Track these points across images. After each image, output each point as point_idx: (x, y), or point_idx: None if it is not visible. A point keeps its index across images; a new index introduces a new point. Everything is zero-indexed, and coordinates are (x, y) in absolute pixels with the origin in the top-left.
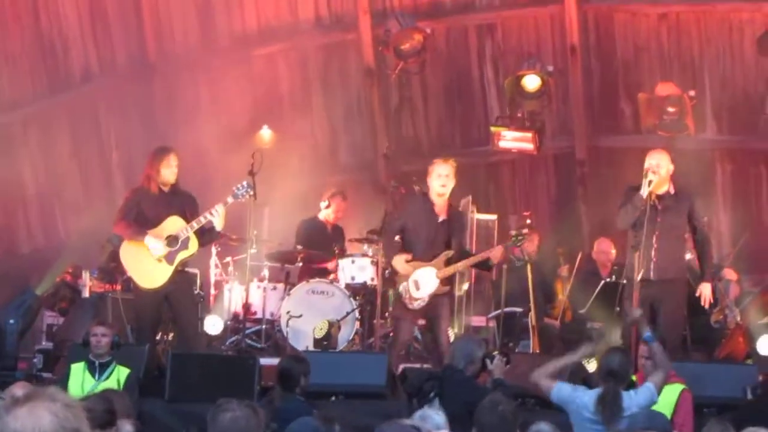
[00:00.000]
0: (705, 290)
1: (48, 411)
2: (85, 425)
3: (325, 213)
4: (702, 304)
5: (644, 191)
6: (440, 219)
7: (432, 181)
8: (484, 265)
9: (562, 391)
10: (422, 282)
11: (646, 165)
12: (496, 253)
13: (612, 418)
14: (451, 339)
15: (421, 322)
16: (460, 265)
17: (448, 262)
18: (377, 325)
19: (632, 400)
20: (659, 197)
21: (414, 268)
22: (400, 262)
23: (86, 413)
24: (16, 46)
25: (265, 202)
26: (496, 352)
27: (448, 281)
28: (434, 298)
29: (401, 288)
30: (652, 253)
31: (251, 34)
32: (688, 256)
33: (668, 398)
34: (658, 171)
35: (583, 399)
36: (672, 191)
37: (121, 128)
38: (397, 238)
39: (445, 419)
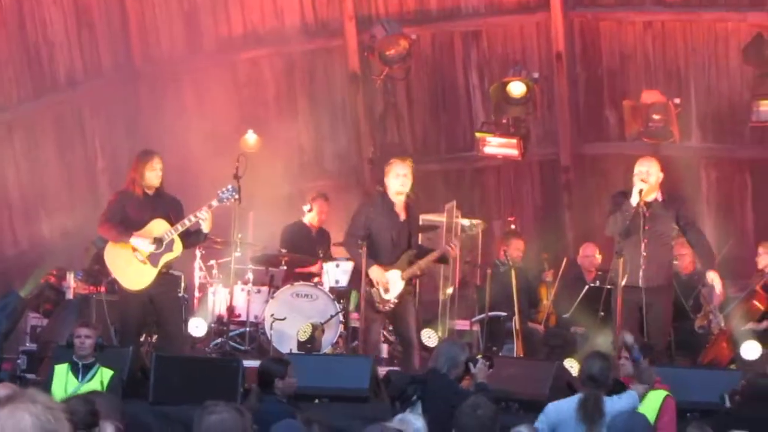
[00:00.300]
0: (715, 279)
1: (28, 412)
2: (65, 427)
3: (309, 217)
4: (717, 292)
5: (634, 200)
6: (402, 218)
7: (390, 181)
8: (442, 260)
9: (548, 416)
10: (390, 285)
11: (636, 172)
12: (453, 251)
13: (594, 424)
14: (434, 342)
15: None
16: (422, 263)
17: (410, 263)
18: (362, 327)
19: (614, 406)
20: (647, 204)
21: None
22: (376, 272)
23: (68, 415)
24: (2, 52)
25: (250, 206)
26: (479, 356)
27: (410, 281)
28: (401, 297)
29: (373, 292)
30: (641, 260)
31: (237, 38)
32: (675, 261)
33: (652, 404)
34: (647, 179)
35: (563, 406)
36: (660, 198)
37: (106, 132)
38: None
39: (425, 423)
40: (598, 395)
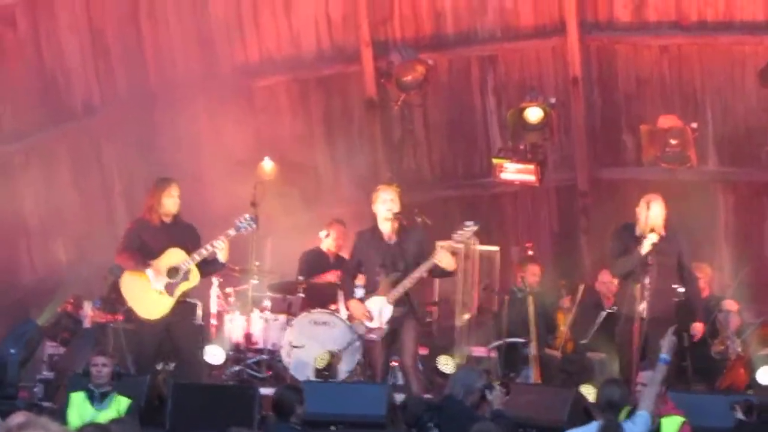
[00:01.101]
0: (697, 329)
1: None
2: None
3: (327, 243)
4: (693, 340)
5: (645, 249)
6: (392, 242)
7: (378, 207)
8: (441, 273)
9: None
10: (374, 312)
11: (649, 218)
12: (441, 258)
13: None
14: (451, 369)
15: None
16: (406, 282)
17: (394, 284)
18: (378, 355)
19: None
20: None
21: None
22: (352, 306)
23: None
24: (19, 80)
25: (268, 233)
26: (496, 383)
27: (404, 301)
28: (395, 320)
29: (355, 327)
30: (645, 293)
31: (253, 64)
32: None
33: (668, 430)
34: (657, 223)
35: None
36: (663, 233)
37: (122, 159)
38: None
39: None
40: (618, 426)
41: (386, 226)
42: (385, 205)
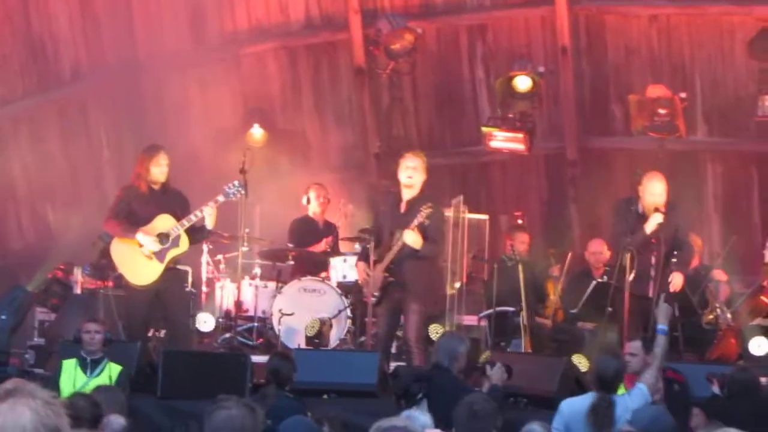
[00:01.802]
0: (677, 279)
1: (28, 408)
2: (65, 422)
3: (312, 207)
4: (671, 290)
5: (650, 228)
6: (402, 211)
7: (400, 174)
8: (412, 251)
9: (563, 414)
10: (372, 280)
11: (651, 192)
12: (406, 237)
13: (603, 428)
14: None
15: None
16: (390, 254)
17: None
18: (369, 323)
19: (626, 406)
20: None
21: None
22: (358, 267)
23: (71, 411)
24: (6, 46)
25: (257, 201)
26: (499, 364)
27: (397, 277)
28: (387, 292)
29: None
30: (651, 271)
31: (242, 32)
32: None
33: None
34: (660, 202)
35: (576, 405)
36: (663, 210)
37: (111, 126)
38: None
39: (431, 420)
40: (610, 402)
41: (405, 193)
42: (406, 173)
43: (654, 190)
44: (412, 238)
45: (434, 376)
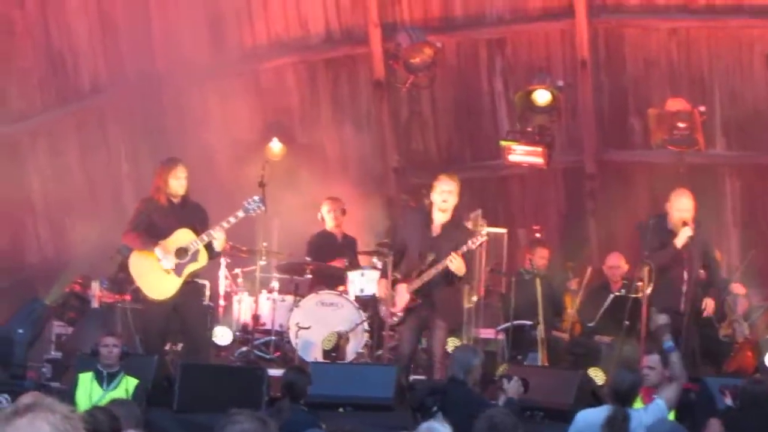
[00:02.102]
0: (708, 305)
1: (47, 422)
2: None
3: (328, 222)
4: (705, 314)
5: (680, 242)
6: (434, 234)
7: (435, 196)
8: (452, 275)
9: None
10: (397, 298)
11: (678, 207)
12: (453, 261)
13: None
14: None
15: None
16: (424, 275)
17: (419, 274)
18: (386, 337)
19: (640, 421)
20: None
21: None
22: (380, 286)
23: (90, 425)
24: (26, 60)
25: (275, 214)
26: (515, 377)
27: (426, 297)
28: (414, 311)
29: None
30: (683, 286)
31: (261, 47)
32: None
33: None
34: (688, 218)
35: (591, 417)
36: (692, 224)
37: (129, 139)
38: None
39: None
40: (625, 416)
41: (438, 216)
42: (442, 196)
43: (681, 206)
44: (457, 264)
45: (449, 389)
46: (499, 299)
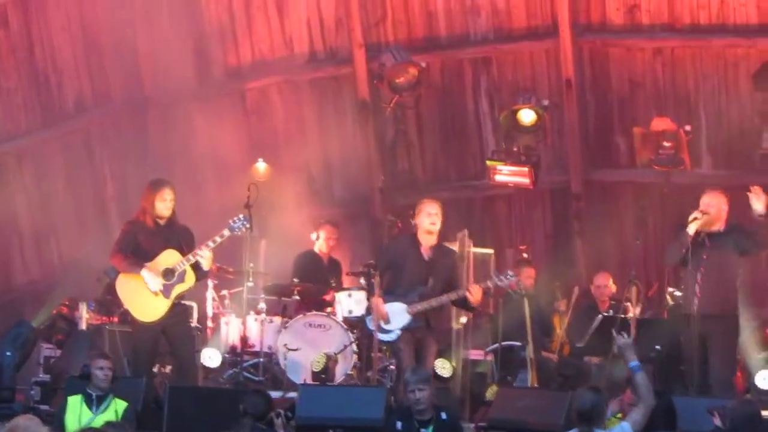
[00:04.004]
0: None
1: None
2: None
3: (319, 244)
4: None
5: (690, 229)
6: (426, 258)
7: (422, 220)
8: (464, 305)
9: None
10: (392, 316)
11: (702, 207)
12: (474, 292)
13: None
14: (448, 372)
15: None
16: (434, 301)
17: (421, 298)
18: (375, 358)
19: None
20: (709, 235)
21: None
22: (376, 304)
23: None
24: (11, 80)
25: (262, 235)
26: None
27: (421, 317)
28: (410, 332)
29: (368, 321)
30: (696, 288)
31: (246, 67)
32: None
33: None
34: (707, 210)
35: None
36: (722, 229)
37: (115, 160)
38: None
39: None
40: None
41: (426, 239)
42: (429, 219)
43: (702, 200)
44: (477, 296)
45: None
46: (487, 320)
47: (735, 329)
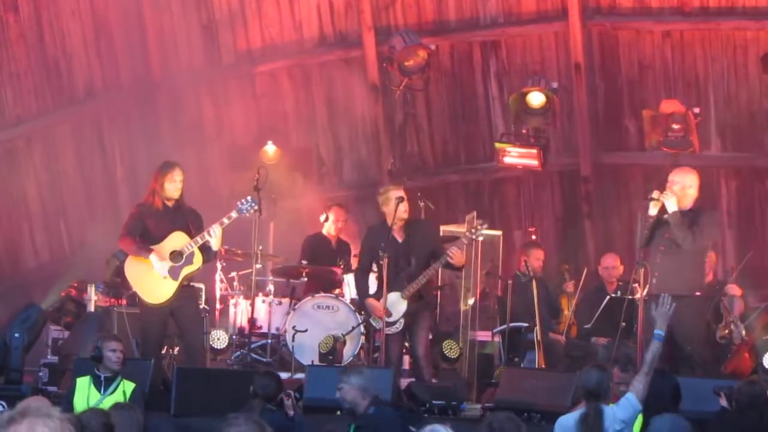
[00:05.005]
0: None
1: (47, 427)
2: None
3: (327, 226)
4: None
5: (652, 210)
6: (401, 240)
7: (390, 208)
8: (451, 267)
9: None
10: (391, 308)
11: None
12: (453, 255)
13: None
14: (454, 353)
15: None
16: (421, 279)
17: (409, 279)
18: (382, 340)
19: (614, 417)
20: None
21: (381, 302)
22: (368, 305)
23: (82, 428)
24: (21, 64)
25: (270, 218)
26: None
27: (419, 295)
28: (410, 314)
29: (373, 322)
30: (654, 268)
31: (255, 51)
32: None
33: None
34: (670, 188)
35: (568, 420)
36: (689, 207)
37: (125, 144)
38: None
39: None
40: (598, 410)
41: (399, 224)
42: (403, 206)
43: (669, 177)
44: (458, 258)
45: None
46: (495, 302)
47: (700, 308)
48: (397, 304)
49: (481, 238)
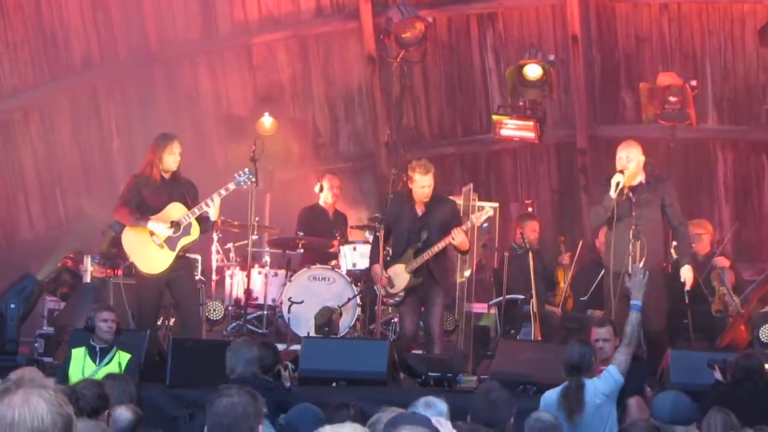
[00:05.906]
0: (686, 274)
1: (42, 398)
2: (71, 412)
3: (324, 196)
4: (686, 288)
5: (612, 193)
6: (419, 213)
7: (416, 190)
8: (456, 250)
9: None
10: (394, 279)
11: (616, 158)
12: (456, 236)
13: (573, 413)
14: (451, 326)
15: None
16: (425, 255)
17: (416, 254)
18: (378, 311)
19: (596, 390)
20: (633, 189)
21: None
22: (373, 271)
23: (76, 398)
24: (17, 35)
25: (267, 189)
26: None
27: (423, 272)
28: (415, 289)
29: (376, 289)
30: (630, 247)
31: (252, 22)
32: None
33: None
34: (627, 165)
35: (551, 395)
36: (644, 181)
37: (121, 115)
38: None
39: (448, 408)
40: (579, 385)
41: (420, 197)
42: (423, 191)
43: (618, 154)
44: (461, 239)
45: None
46: (491, 274)
47: (661, 282)
48: (400, 275)
49: (485, 225)
